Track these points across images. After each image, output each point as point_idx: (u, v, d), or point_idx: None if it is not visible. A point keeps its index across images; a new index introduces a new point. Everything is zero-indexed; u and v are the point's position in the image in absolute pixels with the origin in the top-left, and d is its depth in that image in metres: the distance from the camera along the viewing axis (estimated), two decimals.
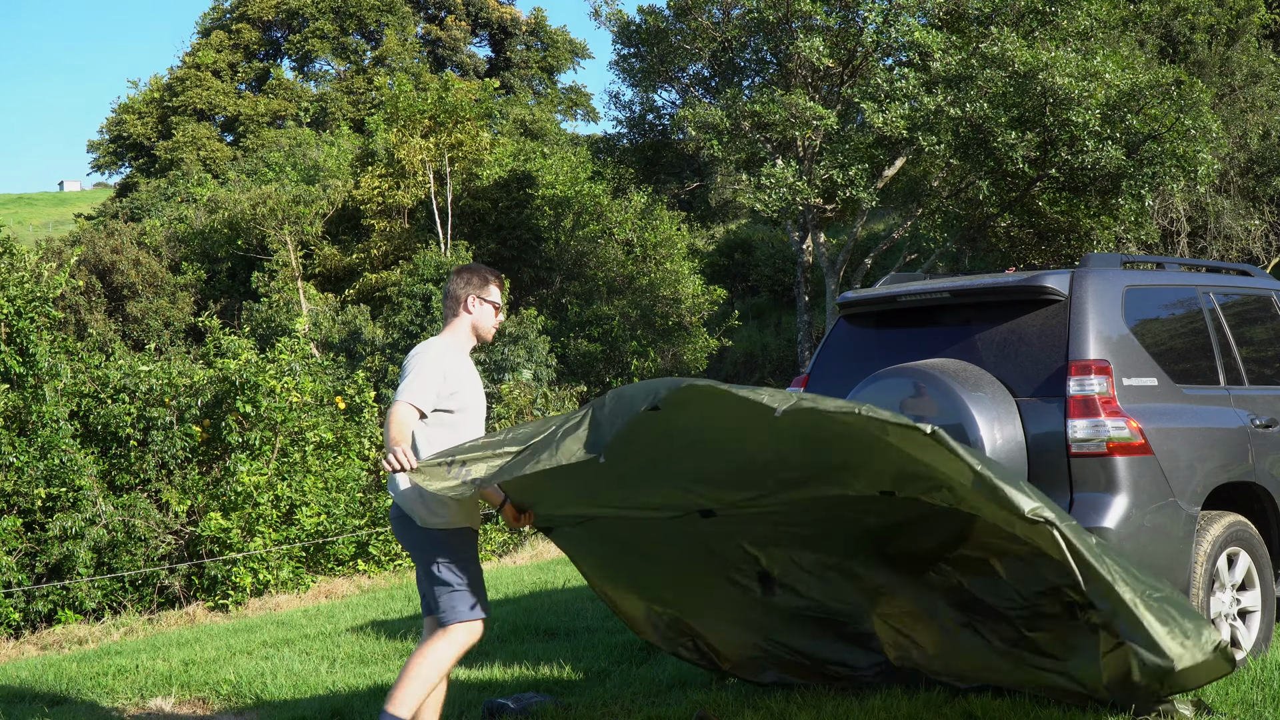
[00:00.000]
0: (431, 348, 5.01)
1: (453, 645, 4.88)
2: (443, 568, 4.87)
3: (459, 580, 4.89)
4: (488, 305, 5.14)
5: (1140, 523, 5.48)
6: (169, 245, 35.89)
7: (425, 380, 4.86)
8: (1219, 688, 5.23)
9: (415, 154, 30.26)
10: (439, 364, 4.91)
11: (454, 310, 5.13)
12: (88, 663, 8.56)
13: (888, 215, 31.73)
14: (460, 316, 5.12)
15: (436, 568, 4.88)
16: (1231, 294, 6.67)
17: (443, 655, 4.87)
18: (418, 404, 4.82)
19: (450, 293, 5.15)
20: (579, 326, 28.93)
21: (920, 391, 5.75)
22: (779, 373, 34.27)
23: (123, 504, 13.26)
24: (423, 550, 4.92)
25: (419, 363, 4.91)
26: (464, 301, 5.11)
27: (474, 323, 5.12)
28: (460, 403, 4.96)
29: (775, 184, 21.28)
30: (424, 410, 4.85)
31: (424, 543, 4.91)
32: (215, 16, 60.83)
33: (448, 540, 4.90)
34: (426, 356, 4.94)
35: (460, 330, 5.12)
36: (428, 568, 4.91)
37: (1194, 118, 19.24)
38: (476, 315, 5.13)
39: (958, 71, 20.40)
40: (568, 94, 61.36)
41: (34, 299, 13.54)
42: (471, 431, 4.99)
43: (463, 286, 5.12)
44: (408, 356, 5.03)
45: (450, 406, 4.92)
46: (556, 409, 20.66)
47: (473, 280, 5.14)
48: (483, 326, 5.14)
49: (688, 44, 24.06)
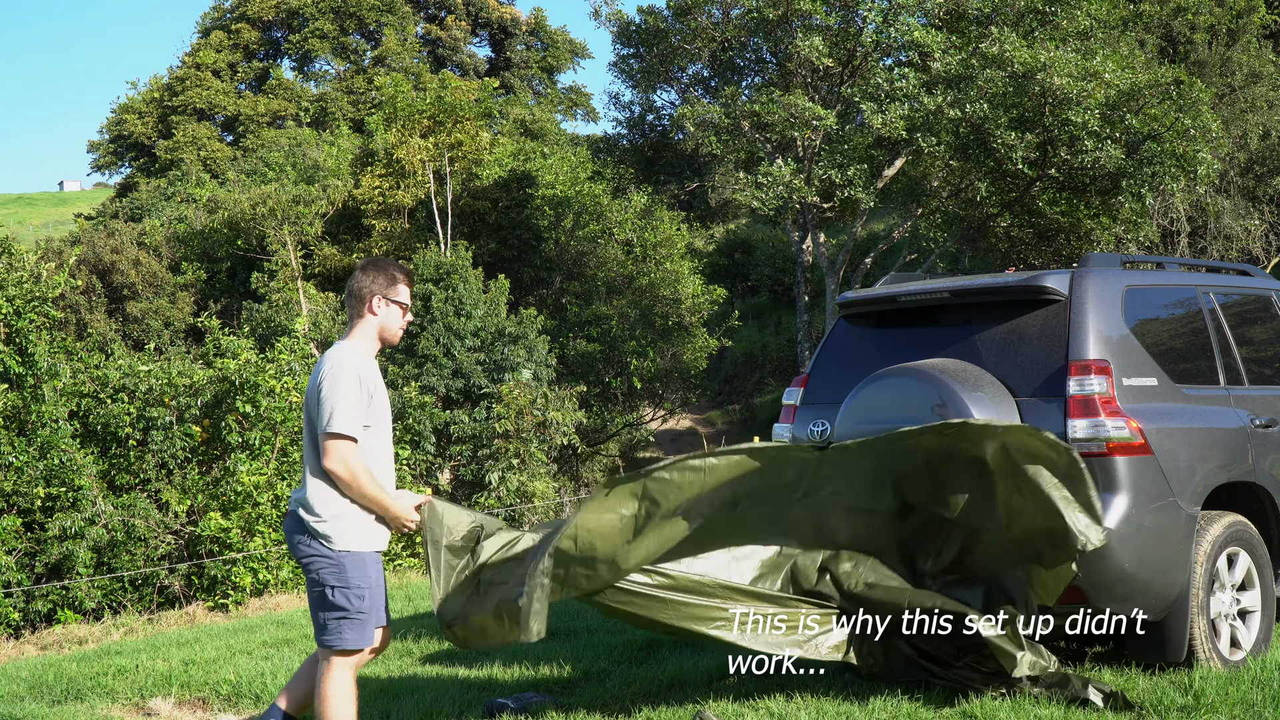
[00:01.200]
0: (343, 360, 4.63)
1: (345, 669, 4.62)
2: (338, 594, 4.58)
3: (353, 607, 4.60)
4: (395, 306, 4.78)
5: (1140, 523, 5.48)
6: (169, 245, 35.89)
7: (351, 403, 4.54)
8: (1219, 688, 5.23)
9: (415, 154, 30.25)
10: (357, 378, 4.59)
11: (359, 311, 4.75)
12: (88, 663, 8.55)
13: (887, 215, 31.73)
14: (365, 319, 4.75)
15: (333, 592, 4.58)
16: (1231, 294, 6.67)
17: (341, 686, 4.60)
18: (355, 434, 4.55)
19: (354, 291, 4.75)
20: (578, 326, 28.93)
21: (920, 391, 5.74)
22: (779, 373, 34.28)
23: (123, 504, 13.26)
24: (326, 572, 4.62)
25: (338, 385, 4.56)
26: (369, 302, 4.74)
27: (380, 325, 4.77)
28: (375, 416, 4.66)
29: (772, 182, 21.29)
30: (359, 436, 4.57)
31: (322, 564, 4.62)
32: (215, 16, 60.86)
33: (350, 564, 4.61)
34: (343, 376, 4.58)
35: (366, 333, 4.75)
36: (321, 591, 4.61)
37: (1194, 117, 19.24)
38: (383, 317, 4.77)
39: (957, 72, 20.40)
40: (568, 94, 61.37)
41: (33, 299, 13.54)
42: (381, 442, 4.72)
43: (368, 285, 4.74)
44: (321, 370, 4.66)
45: (368, 421, 4.63)
46: (556, 409, 20.67)
47: (379, 279, 4.75)
48: (390, 329, 4.78)
49: (687, 44, 24.05)
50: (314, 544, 4.61)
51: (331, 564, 4.59)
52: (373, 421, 4.65)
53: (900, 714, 5.34)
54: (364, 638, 4.62)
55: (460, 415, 22.34)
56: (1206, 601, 5.66)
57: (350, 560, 4.61)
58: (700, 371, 30.36)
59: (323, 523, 4.59)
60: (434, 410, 21.96)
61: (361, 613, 4.60)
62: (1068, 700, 5.19)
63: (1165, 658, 5.62)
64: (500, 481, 19.60)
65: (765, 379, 35.17)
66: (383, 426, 4.74)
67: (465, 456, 21.64)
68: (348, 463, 4.52)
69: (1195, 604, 5.59)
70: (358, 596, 4.59)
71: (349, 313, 4.81)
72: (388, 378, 22.96)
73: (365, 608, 4.61)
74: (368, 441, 4.64)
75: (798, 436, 6.55)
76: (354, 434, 4.54)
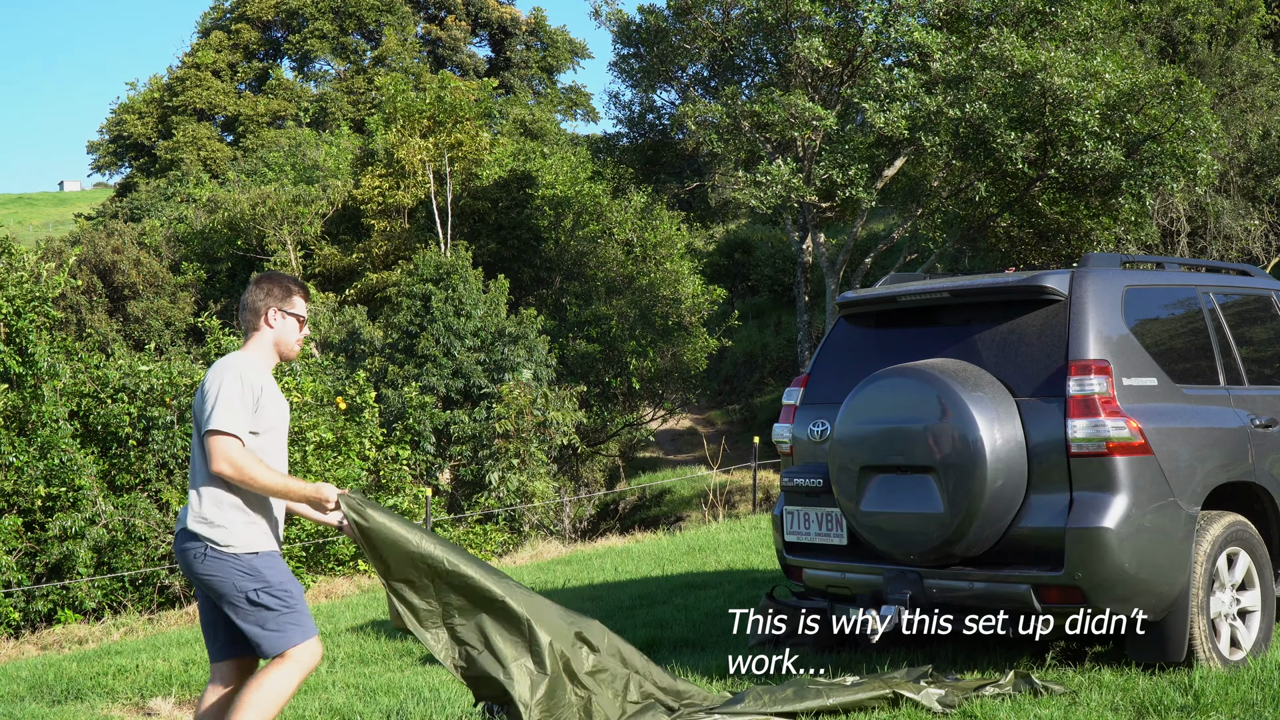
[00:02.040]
0: (228, 364, 4.50)
1: (298, 669, 4.41)
2: (263, 594, 4.38)
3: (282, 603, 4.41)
4: (291, 318, 4.64)
5: (1140, 523, 5.49)
6: (169, 245, 35.91)
7: (234, 402, 4.38)
8: (1219, 688, 5.24)
9: (415, 154, 30.25)
10: (239, 379, 4.43)
11: (254, 324, 4.62)
12: (88, 663, 8.55)
13: (887, 215, 31.73)
14: (261, 331, 4.61)
15: (256, 594, 4.37)
16: (1231, 294, 6.67)
17: (286, 683, 4.37)
18: (238, 432, 4.37)
19: (249, 304, 4.62)
20: (578, 326, 28.93)
21: (919, 392, 5.75)
22: (779, 373, 34.29)
23: (123, 504, 13.27)
24: (233, 580, 4.41)
25: (219, 386, 4.40)
26: (264, 315, 4.60)
27: (276, 338, 4.62)
28: (264, 423, 4.51)
29: (771, 181, 21.29)
30: (243, 437, 4.39)
31: (233, 572, 4.41)
32: (215, 17, 60.88)
33: (262, 565, 4.44)
34: (226, 376, 4.43)
35: (262, 346, 4.61)
36: (242, 599, 4.40)
37: (1194, 118, 19.23)
38: (279, 330, 4.63)
39: (957, 72, 20.40)
40: (568, 94, 61.38)
41: (33, 299, 13.54)
42: (273, 451, 4.57)
43: (263, 298, 4.60)
44: (206, 376, 4.52)
45: (255, 428, 4.47)
46: (556, 409, 20.67)
47: (274, 291, 4.62)
48: (286, 342, 4.64)
49: (687, 44, 24.05)
50: (213, 554, 4.40)
51: (242, 569, 4.40)
52: (261, 429, 4.49)
53: (900, 714, 5.36)
54: (309, 628, 4.44)
55: (460, 415, 22.35)
56: (1206, 601, 5.66)
57: (261, 561, 4.43)
58: (700, 371, 30.36)
59: (220, 529, 4.40)
60: (434, 410, 21.97)
61: (291, 606, 4.41)
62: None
63: (1165, 658, 5.62)
64: (500, 481, 19.60)
65: (765, 379, 35.18)
66: (273, 436, 4.57)
67: (465, 456, 21.65)
68: (232, 458, 4.32)
69: (1195, 604, 5.60)
70: (283, 591, 4.41)
71: (244, 327, 4.67)
72: (388, 378, 22.98)
73: (294, 601, 4.43)
74: (256, 447, 4.46)
75: (798, 436, 6.56)
76: (237, 432, 4.36)
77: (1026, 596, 5.52)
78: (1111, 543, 5.37)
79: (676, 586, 9.88)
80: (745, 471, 21.40)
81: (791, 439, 6.60)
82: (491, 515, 19.15)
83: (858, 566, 6.11)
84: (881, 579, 5.95)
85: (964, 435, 5.53)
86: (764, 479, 21.43)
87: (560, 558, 13.90)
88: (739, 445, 28.70)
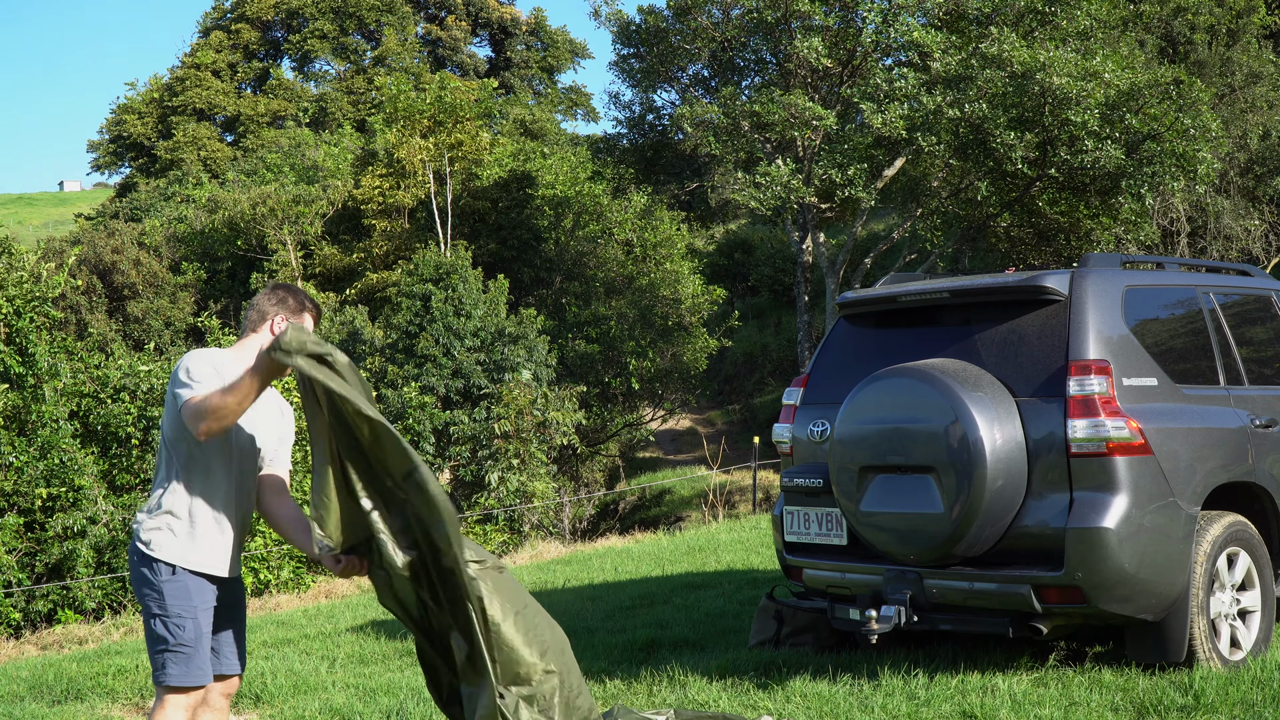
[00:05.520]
0: (198, 352, 4.30)
1: (173, 711, 4.17)
2: (156, 621, 4.14)
3: (170, 635, 4.14)
4: None
5: (1140, 523, 5.49)
6: (169, 245, 35.92)
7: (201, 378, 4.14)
8: (1219, 688, 5.24)
9: (415, 154, 30.27)
10: (209, 363, 4.21)
11: (255, 326, 4.41)
12: (88, 663, 8.55)
13: (887, 215, 31.74)
14: (260, 334, 4.40)
15: (150, 614, 4.13)
16: (1231, 294, 6.67)
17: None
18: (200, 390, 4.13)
19: (257, 306, 4.43)
20: (578, 327, 28.94)
21: (919, 391, 5.75)
22: (779, 373, 34.30)
23: (123, 504, 13.27)
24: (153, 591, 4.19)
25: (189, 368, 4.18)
26: (271, 320, 4.39)
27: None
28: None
29: (770, 182, 21.29)
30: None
31: (149, 588, 4.20)
32: (215, 16, 60.90)
33: (171, 585, 4.17)
34: (195, 359, 4.23)
35: (251, 348, 4.34)
36: (144, 609, 4.18)
37: (1194, 117, 19.24)
38: None
39: (957, 72, 20.40)
40: (568, 94, 61.40)
41: (33, 299, 13.55)
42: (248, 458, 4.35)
43: (274, 304, 4.42)
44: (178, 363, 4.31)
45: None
46: (556, 409, 20.67)
47: (288, 301, 4.43)
48: None
49: (687, 44, 24.05)
50: (137, 552, 4.21)
51: (152, 590, 4.17)
52: None
53: (900, 714, 5.35)
54: (189, 674, 4.15)
55: (460, 415, 22.35)
56: (1206, 601, 5.66)
57: (173, 580, 4.17)
58: (700, 371, 30.36)
59: (147, 529, 4.20)
60: (434, 410, 21.97)
61: (184, 645, 4.14)
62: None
63: (1165, 658, 5.62)
64: (500, 482, 19.60)
65: (765, 379, 35.19)
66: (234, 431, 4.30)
67: (465, 457, 21.65)
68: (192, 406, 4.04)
69: (1195, 604, 5.60)
70: (177, 626, 4.14)
71: (245, 327, 4.48)
72: (388, 378, 22.98)
73: (187, 639, 4.15)
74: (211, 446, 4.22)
75: (798, 436, 6.56)
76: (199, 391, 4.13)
77: (1026, 597, 5.52)
78: (1111, 543, 5.37)
79: (676, 586, 9.88)
80: (745, 471, 21.41)
81: (791, 439, 6.60)
82: (491, 515, 19.15)
83: (858, 567, 6.10)
84: (881, 579, 5.95)
85: (964, 435, 5.53)
86: (764, 479, 21.43)
87: (560, 558, 13.90)
88: (739, 445, 28.72)
